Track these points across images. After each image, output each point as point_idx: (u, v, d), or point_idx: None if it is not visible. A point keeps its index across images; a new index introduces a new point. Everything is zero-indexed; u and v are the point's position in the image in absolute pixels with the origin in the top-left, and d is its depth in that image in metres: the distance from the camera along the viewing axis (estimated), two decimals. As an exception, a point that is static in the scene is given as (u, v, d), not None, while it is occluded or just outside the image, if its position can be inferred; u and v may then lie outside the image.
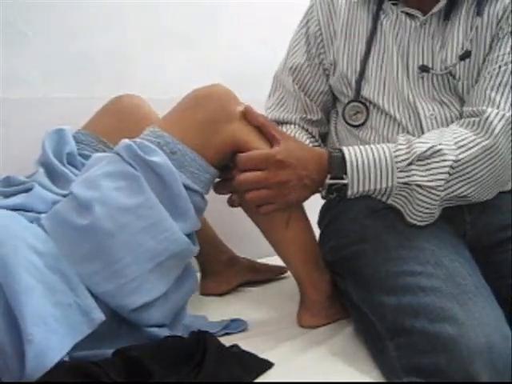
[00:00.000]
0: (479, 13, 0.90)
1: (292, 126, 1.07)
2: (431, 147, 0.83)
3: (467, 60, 0.91)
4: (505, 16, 0.90)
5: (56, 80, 1.22)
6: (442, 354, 0.69)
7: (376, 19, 0.98)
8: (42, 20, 1.21)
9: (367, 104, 0.99)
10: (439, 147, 0.83)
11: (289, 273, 1.03)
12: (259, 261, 1.28)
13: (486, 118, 0.85)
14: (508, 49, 0.89)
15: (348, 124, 1.01)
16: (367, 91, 0.98)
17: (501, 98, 0.87)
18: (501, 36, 0.90)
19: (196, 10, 1.41)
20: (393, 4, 0.96)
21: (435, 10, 0.92)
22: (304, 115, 1.08)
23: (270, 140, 0.87)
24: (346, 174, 0.85)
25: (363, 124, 0.99)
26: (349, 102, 1.00)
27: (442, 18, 0.93)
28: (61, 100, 1.22)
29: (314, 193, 0.90)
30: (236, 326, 0.96)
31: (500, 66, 0.88)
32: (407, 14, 0.95)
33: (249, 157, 0.84)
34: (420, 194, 0.84)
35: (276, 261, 1.02)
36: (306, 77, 1.07)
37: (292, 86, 1.07)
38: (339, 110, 1.05)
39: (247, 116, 0.87)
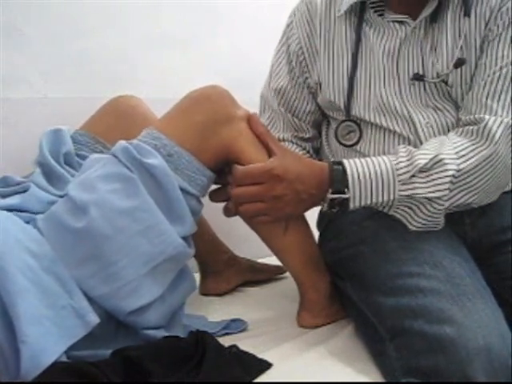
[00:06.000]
0: (466, 13, 0.89)
1: (285, 143, 1.06)
2: (432, 158, 0.82)
3: (461, 67, 0.90)
4: (492, 16, 0.89)
5: (56, 80, 1.23)
6: (441, 355, 0.69)
7: (359, 31, 0.96)
8: (41, 20, 1.21)
9: (359, 122, 0.97)
10: (440, 157, 0.82)
11: (288, 273, 1.03)
12: (259, 261, 1.28)
13: (485, 126, 0.84)
14: (500, 52, 0.88)
15: (341, 144, 0.99)
16: (358, 109, 0.96)
17: (498, 104, 0.86)
18: (491, 38, 0.89)
19: (195, 10, 1.42)
20: (379, 15, 0.95)
21: (426, 14, 0.90)
22: (295, 133, 1.07)
23: (267, 151, 0.87)
24: (347, 188, 0.84)
25: (357, 143, 0.97)
26: (340, 122, 0.98)
27: (429, 21, 0.92)
28: (61, 100, 1.22)
29: (313, 206, 0.89)
30: (236, 326, 0.96)
31: (494, 72, 0.87)
32: (395, 21, 0.93)
33: (245, 172, 0.83)
34: (424, 205, 0.84)
35: (276, 261, 1.02)
36: (291, 98, 1.05)
37: (278, 107, 1.06)
38: (332, 127, 1.03)
39: (250, 123, 0.87)
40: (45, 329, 0.68)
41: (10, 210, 0.81)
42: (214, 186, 0.92)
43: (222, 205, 0.92)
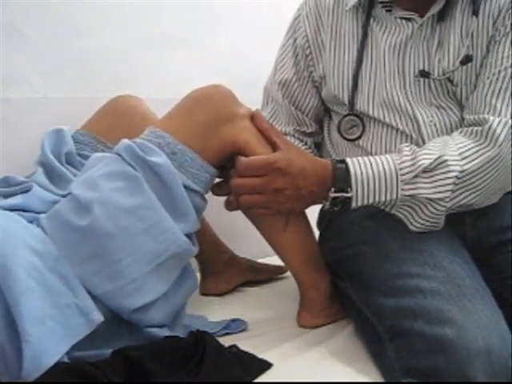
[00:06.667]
0: (475, 12, 0.89)
1: (287, 137, 1.05)
2: (436, 159, 0.82)
3: (467, 65, 0.90)
4: (500, 16, 0.89)
5: (56, 80, 1.23)
6: (441, 355, 0.69)
7: (366, 27, 0.96)
8: (41, 20, 1.21)
9: (362, 117, 0.97)
10: (444, 158, 0.82)
11: (289, 273, 1.03)
12: (259, 261, 1.28)
13: (489, 127, 0.84)
14: (506, 52, 0.88)
15: (344, 138, 0.99)
16: (361, 104, 0.96)
17: (502, 104, 0.86)
18: (498, 38, 0.89)
19: (196, 10, 1.42)
20: (387, 10, 0.95)
21: (434, 11, 0.90)
22: (298, 127, 1.07)
23: (272, 146, 0.87)
24: (350, 186, 0.84)
25: (359, 137, 0.97)
26: (344, 117, 0.98)
27: (436, 19, 0.92)
28: (61, 100, 1.22)
29: (312, 204, 0.89)
30: (236, 326, 0.96)
31: (499, 71, 0.87)
32: (403, 17, 0.93)
33: (249, 163, 0.83)
34: (426, 205, 0.84)
35: (276, 261, 1.02)
36: (295, 91, 1.05)
37: (282, 100, 1.06)
38: (334, 121, 1.04)
39: (254, 119, 0.87)
40: (48, 328, 0.68)
41: (12, 209, 0.81)
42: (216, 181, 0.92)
43: (222, 205, 0.92)
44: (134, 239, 0.76)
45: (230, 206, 0.90)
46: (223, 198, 0.92)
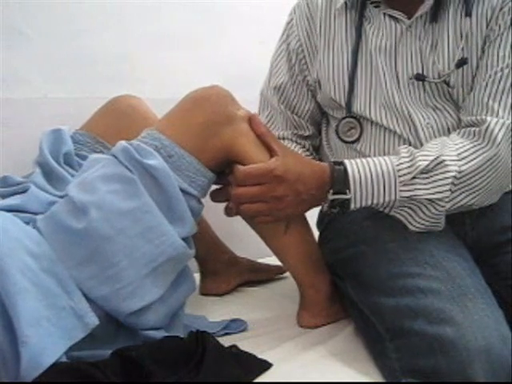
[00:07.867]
0: (467, 13, 0.89)
1: (285, 141, 1.06)
2: (433, 160, 0.82)
3: (463, 67, 0.90)
4: (494, 16, 0.89)
5: (56, 80, 1.23)
6: (441, 355, 0.69)
7: (359, 28, 0.96)
8: (42, 20, 1.21)
9: (360, 119, 0.97)
10: (441, 159, 0.82)
11: (289, 273, 1.03)
12: (259, 261, 1.28)
13: (487, 128, 0.84)
14: (501, 52, 0.88)
15: (342, 140, 0.99)
16: (358, 106, 0.96)
17: (499, 105, 0.86)
18: (492, 38, 0.89)
19: (196, 10, 1.42)
20: (375, 6, 0.94)
21: (421, 12, 0.90)
22: (295, 131, 1.07)
23: (268, 151, 0.86)
24: (348, 188, 0.84)
25: (358, 140, 0.97)
26: (341, 119, 0.98)
27: (429, 19, 0.92)
28: (61, 100, 1.22)
29: (313, 207, 0.89)
30: (236, 326, 0.96)
31: (496, 72, 0.87)
32: (391, 17, 0.93)
33: (246, 172, 0.83)
34: (425, 206, 0.84)
35: (276, 261, 1.02)
36: (290, 96, 1.05)
37: (278, 105, 1.06)
38: (332, 124, 1.04)
39: (251, 124, 0.86)
40: (45, 330, 0.68)
41: (9, 210, 0.81)
42: (214, 187, 0.92)
43: (222, 205, 0.92)
44: (130, 242, 0.76)
45: (229, 213, 0.90)
46: (223, 199, 0.92)
